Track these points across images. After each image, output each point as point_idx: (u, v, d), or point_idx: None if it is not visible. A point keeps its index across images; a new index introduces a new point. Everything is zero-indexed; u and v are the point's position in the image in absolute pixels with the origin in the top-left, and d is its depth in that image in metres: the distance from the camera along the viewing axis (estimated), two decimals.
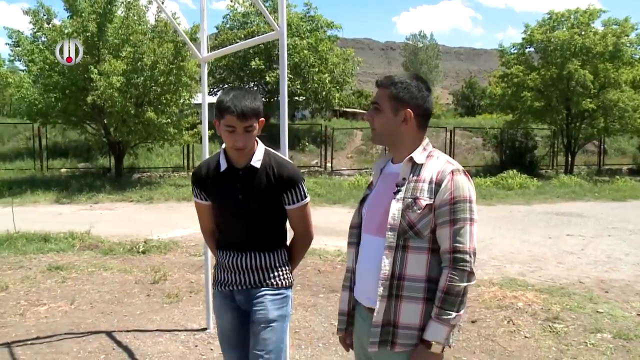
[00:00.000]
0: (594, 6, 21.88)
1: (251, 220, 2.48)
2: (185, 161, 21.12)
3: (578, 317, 5.08)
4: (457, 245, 1.87)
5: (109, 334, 4.60)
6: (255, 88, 26.96)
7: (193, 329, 4.70)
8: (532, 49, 22.66)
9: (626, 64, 20.90)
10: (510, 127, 23.52)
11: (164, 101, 16.02)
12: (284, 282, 2.55)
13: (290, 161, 2.62)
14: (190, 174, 2.53)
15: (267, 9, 23.08)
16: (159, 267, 6.76)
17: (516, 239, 9.13)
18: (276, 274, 2.54)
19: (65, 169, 19.48)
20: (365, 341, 2.04)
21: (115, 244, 8.16)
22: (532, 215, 11.80)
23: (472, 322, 4.93)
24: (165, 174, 19.93)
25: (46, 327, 4.76)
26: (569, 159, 22.64)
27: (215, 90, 27.63)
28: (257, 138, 2.47)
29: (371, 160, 24.89)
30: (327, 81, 24.76)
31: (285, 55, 3.40)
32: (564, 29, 21.52)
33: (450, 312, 1.86)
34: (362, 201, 2.18)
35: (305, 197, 2.55)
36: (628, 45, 21.28)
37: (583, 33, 20.96)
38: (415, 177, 1.96)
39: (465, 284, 1.87)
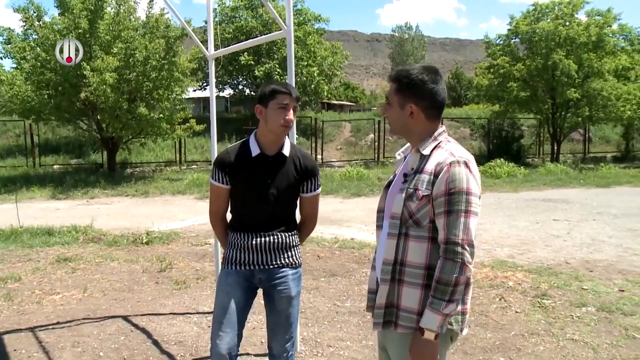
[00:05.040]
0: None
1: (276, 203, 2.70)
2: (177, 155, 21.32)
3: (564, 293, 5.42)
4: (450, 236, 1.89)
5: (125, 317, 4.86)
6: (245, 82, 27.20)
7: (204, 311, 4.97)
8: (517, 40, 23.05)
9: (609, 53, 21.39)
10: (497, 117, 23.94)
11: (156, 96, 16.21)
12: (299, 261, 2.84)
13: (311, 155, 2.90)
14: (213, 161, 2.79)
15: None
16: (164, 257, 7.03)
17: (505, 224, 9.47)
18: (293, 252, 2.80)
19: (57, 165, 19.62)
20: None
21: (118, 236, 8.38)
22: (520, 202, 12.17)
23: None
24: (157, 169, 20.13)
25: (64, 313, 5.00)
26: (555, 147, 23.13)
27: (204, 84, 27.76)
28: None
29: (360, 152, 25.26)
30: (315, 74, 25.00)
31: (293, 52, 3.67)
32: (549, 20, 21.95)
33: (442, 302, 1.88)
34: (387, 187, 2.23)
35: (319, 187, 2.88)
36: (610, 35, 21.78)
37: (567, 24, 21.41)
38: (421, 168, 2.01)
39: (456, 275, 1.87)
